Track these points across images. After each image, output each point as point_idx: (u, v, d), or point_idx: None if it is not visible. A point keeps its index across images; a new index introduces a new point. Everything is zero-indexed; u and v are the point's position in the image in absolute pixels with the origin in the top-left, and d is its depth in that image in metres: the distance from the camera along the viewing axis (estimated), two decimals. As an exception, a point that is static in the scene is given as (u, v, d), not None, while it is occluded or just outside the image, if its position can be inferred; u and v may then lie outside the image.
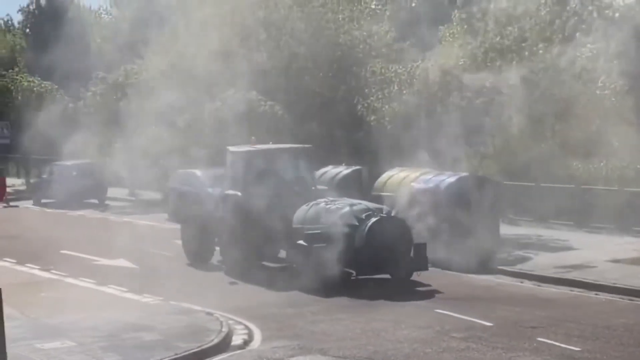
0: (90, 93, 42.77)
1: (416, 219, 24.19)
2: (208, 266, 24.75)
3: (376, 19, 40.22)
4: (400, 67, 32.78)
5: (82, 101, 43.76)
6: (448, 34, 33.64)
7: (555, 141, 29.21)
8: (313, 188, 24.00)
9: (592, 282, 20.93)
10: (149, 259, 25.73)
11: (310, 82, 38.36)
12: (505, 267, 23.21)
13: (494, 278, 22.47)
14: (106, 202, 42.49)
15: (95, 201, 42.23)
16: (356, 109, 33.62)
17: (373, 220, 21.20)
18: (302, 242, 21.48)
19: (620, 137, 26.67)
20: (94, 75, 43.40)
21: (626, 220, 27.65)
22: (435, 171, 25.77)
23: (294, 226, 22.27)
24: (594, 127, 26.99)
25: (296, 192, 23.29)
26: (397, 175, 26.32)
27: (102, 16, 60.85)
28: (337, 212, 21.55)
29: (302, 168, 24.39)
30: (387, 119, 31.39)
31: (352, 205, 21.80)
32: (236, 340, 16.93)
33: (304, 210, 22.32)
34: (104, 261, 25.72)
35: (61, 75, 47.69)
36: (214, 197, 24.94)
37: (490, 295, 20.44)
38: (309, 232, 21.42)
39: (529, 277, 22.20)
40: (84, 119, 38.30)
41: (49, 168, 44.42)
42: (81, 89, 44.19)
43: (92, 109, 41.57)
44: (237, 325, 17.90)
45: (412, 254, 21.61)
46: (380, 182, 26.66)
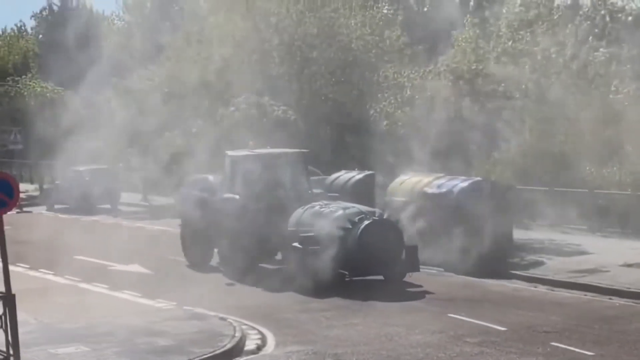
0: (104, 98, 42.80)
1: (428, 223, 24.25)
2: (217, 271, 24.74)
3: (388, 23, 40.26)
4: (413, 71, 32.82)
5: (96, 106, 43.81)
6: (461, 39, 33.68)
7: (569, 146, 29.17)
8: (309, 192, 24.28)
9: (605, 286, 20.88)
10: (162, 264, 25.83)
11: (322, 86, 38.43)
12: (518, 271, 23.17)
13: (508, 283, 22.43)
14: (119, 207, 42.56)
15: (108, 206, 42.30)
16: (368, 113, 33.65)
17: (365, 223, 21.55)
18: (297, 244, 21.78)
19: (633, 141, 26.63)
20: (107, 81, 43.44)
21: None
22: (448, 176, 25.75)
23: (289, 229, 22.60)
24: (607, 131, 26.97)
25: (292, 195, 23.67)
26: (410, 180, 26.29)
27: (114, 22, 60.96)
28: (330, 215, 22.01)
29: (298, 172, 24.63)
30: (400, 123, 31.41)
31: (346, 208, 22.24)
32: (249, 345, 16.94)
33: (299, 214, 22.76)
34: (117, 266, 25.75)
35: (74, 81, 47.78)
36: (216, 201, 25.06)
37: (503, 300, 20.40)
38: (304, 234, 21.79)
39: (543, 281, 22.16)
40: (96, 125, 38.34)
41: (62, 173, 44.44)
42: (94, 95, 44.24)
43: (107, 115, 41.60)
44: (251, 330, 17.90)
45: (404, 256, 21.89)
46: (393, 186, 26.65)
